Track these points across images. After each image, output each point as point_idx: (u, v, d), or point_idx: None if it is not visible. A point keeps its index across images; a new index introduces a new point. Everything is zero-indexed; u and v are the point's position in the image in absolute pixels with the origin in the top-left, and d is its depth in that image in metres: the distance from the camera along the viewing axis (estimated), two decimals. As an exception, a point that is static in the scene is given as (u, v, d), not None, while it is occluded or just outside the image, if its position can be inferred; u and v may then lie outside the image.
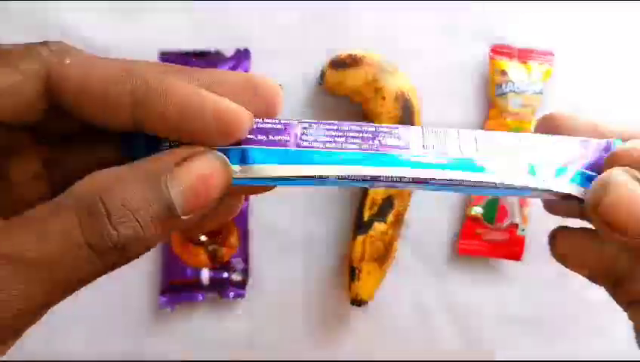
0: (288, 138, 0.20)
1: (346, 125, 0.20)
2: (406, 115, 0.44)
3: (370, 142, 0.20)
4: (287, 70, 0.47)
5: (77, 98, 0.17)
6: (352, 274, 0.45)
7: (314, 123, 0.20)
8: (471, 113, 0.48)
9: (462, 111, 0.48)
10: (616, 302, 0.23)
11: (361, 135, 0.20)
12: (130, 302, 0.47)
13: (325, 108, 0.47)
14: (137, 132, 0.18)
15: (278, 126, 0.20)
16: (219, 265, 0.46)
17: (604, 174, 0.19)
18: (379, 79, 0.44)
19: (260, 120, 0.20)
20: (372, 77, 0.44)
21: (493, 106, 0.47)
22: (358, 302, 0.45)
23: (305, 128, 0.20)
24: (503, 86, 0.46)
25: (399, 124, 0.44)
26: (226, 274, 0.46)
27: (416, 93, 0.45)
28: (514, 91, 0.46)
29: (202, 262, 0.46)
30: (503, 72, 0.46)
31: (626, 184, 0.18)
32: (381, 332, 0.48)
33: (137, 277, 0.47)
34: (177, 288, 0.46)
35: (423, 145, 0.20)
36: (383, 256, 0.45)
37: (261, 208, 0.47)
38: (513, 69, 0.46)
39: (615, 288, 0.22)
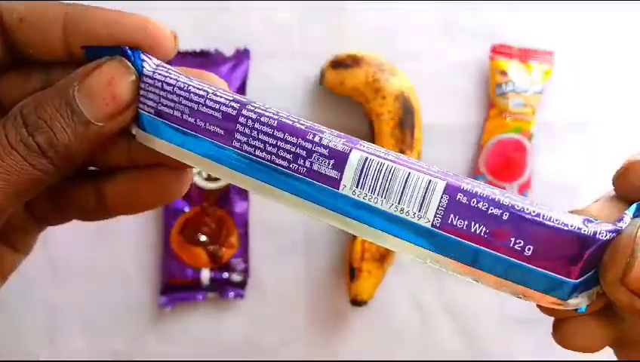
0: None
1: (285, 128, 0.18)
2: (406, 115, 0.44)
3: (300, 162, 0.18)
4: (287, 70, 0.47)
5: (18, 27, 0.20)
6: (352, 274, 0.45)
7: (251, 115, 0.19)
8: (471, 113, 0.48)
9: (462, 111, 0.48)
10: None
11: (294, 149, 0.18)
12: (130, 301, 0.47)
13: (325, 108, 0.47)
14: (70, 58, 0.20)
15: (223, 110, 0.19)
16: (219, 265, 0.46)
17: (626, 236, 0.15)
18: (379, 79, 0.44)
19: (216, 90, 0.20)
20: (372, 77, 0.44)
21: (493, 106, 0.47)
22: (358, 302, 0.45)
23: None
24: (503, 86, 0.46)
25: (399, 123, 0.44)
26: (226, 274, 0.46)
27: (416, 93, 0.45)
28: (514, 91, 0.46)
29: (202, 262, 0.46)
30: (503, 72, 0.46)
31: None
32: (381, 332, 0.48)
33: (137, 276, 0.47)
34: (177, 288, 0.46)
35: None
36: (383, 256, 0.45)
37: (261, 208, 0.47)
38: (513, 68, 0.46)
39: (623, 350, 0.20)
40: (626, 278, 0.15)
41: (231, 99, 0.19)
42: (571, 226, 0.16)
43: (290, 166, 0.18)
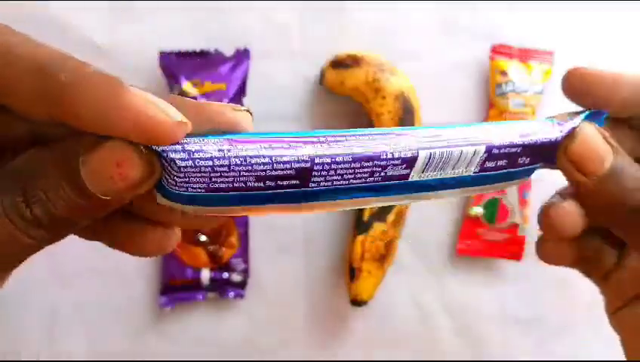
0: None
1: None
2: (406, 115, 0.44)
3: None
4: (287, 70, 0.47)
5: None
6: (352, 274, 0.45)
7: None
8: (471, 113, 0.48)
9: (462, 111, 0.48)
10: (591, 280, 0.26)
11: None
12: (130, 301, 0.47)
13: (325, 108, 0.47)
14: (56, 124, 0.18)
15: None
16: (219, 265, 0.46)
17: (580, 128, 0.23)
18: (379, 79, 0.44)
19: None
20: (372, 77, 0.44)
21: (493, 106, 0.47)
22: (358, 302, 0.45)
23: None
24: (503, 86, 0.46)
25: (399, 123, 0.44)
26: (226, 274, 0.46)
27: (416, 93, 0.45)
28: (514, 91, 0.46)
29: (202, 262, 0.46)
30: (503, 72, 0.46)
31: (592, 133, 0.22)
32: (381, 332, 0.48)
33: (137, 276, 0.47)
34: (177, 288, 0.46)
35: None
36: (383, 256, 0.45)
37: (261, 208, 0.47)
38: (513, 68, 0.46)
39: (588, 269, 0.26)
40: (567, 150, 0.22)
41: (298, 156, 0.19)
42: (553, 138, 0.23)
43: (367, 180, 0.20)
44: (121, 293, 0.47)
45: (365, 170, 0.20)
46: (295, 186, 0.19)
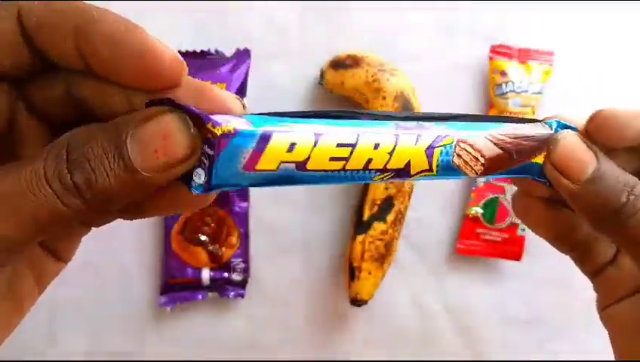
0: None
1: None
2: (406, 115, 0.44)
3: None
4: (287, 70, 0.47)
5: (37, 32, 0.18)
6: (352, 273, 0.45)
7: None
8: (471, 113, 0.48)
9: (462, 111, 0.48)
10: (584, 273, 0.26)
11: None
12: (130, 301, 0.47)
13: (325, 108, 0.47)
14: (86, 70, 0.19)
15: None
16: (219, 264, 0.46)
17: (561, 135, 0.23)
18: (379, 79, 0.44)
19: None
20: (372, 77, 0.44)
21: (493, 106, 0.47)
22: (358, 302, 0.45)
23: None
24: (503, 86, 0.46)
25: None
26: (226, 274, 0.46)
27: (416, 93, 0.45)
28: (514, 91, 0.46)
29: (202, 261, 0.46)
30: (503, 72, 0.46)
31: (574, 139, 0.23)
32: (381, 332, 0.48)
33: (137, 276, 0.47)
34: (177, 288, 0.46)
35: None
36: (383, 256, 0.45)
37: (261, 208, 0.47)
38: (513, 69, 0.46)
39: (582, 260, 0.26)
40: (550, 156, 0.23)
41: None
42: (543, 135, 0.23)
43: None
44: (122, 293, 0.47)
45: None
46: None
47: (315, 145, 0.19)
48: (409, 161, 0.21)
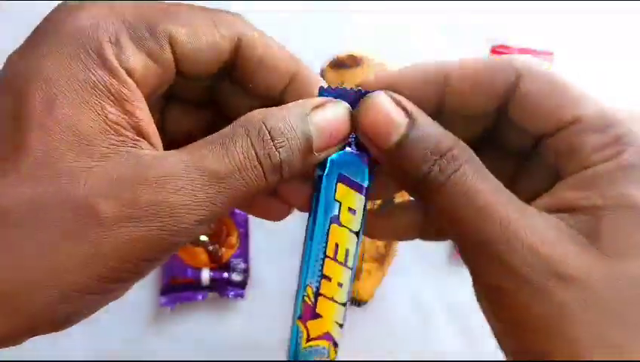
0: None
1: None
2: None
3: None
4: (287, 70, 0.47)
5: (256, 66, 0.22)
6: (352, 274, 0.45)
7: None
8: (471, 113, 0.48)
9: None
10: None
11: None
12: (130, 301, 0.47)
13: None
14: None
15: None
16: (219, 264, 0.46)
17: (367, 96, 0.20)
18: (379, 79, 0.44)
19: None
20: (372, 77, 0.44)
21: (493, 106, 0.47)
22: (358, 302, 0.45)
23: None
24: (503, 86, 0.46)
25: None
26: (226, 274, 0.46)
27: (416, 94, 0.45)
28: (514, 91, 0.46)
29: (202, 262, 0.46)
30: (503, 72, 0.46)
31: (381, 99, 0.20)
32: (381, 332, 0.48)
33: (137, 277, 0.47)
34: (177, 288, 0.46)
35: None
36: (383, 256, 0.45)
37: (261, 208, 0.47)
38: (513, 69, 0.46)
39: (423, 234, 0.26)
40: (358, 121, 0.20)
41: None
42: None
43: None
44: (122, 293, 0.47)
45: None
46: None
47: None
48: None
